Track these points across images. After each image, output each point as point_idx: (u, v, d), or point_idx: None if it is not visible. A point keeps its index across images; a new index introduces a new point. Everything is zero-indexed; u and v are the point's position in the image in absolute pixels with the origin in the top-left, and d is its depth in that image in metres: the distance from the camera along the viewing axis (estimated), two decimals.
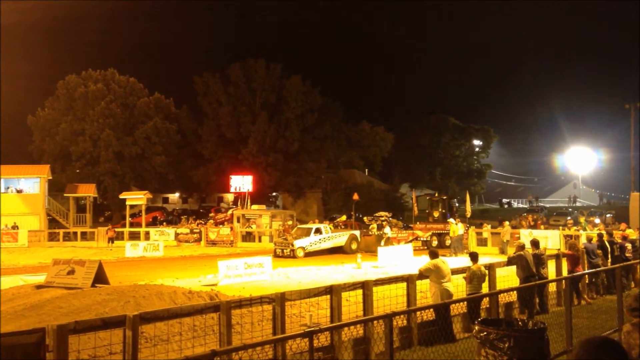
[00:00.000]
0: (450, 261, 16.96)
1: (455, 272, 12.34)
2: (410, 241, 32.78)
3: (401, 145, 70.42)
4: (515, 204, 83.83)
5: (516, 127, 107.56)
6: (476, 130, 77.45)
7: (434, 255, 12.00)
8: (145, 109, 54.86)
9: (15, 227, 40.86)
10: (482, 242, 31.97)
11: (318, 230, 31.69)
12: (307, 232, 31.59)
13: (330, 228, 33.79)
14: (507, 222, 32.29)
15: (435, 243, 32.96)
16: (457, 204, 38.71)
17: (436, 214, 36.36)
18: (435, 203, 37.00)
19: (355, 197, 44.51)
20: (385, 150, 66.95)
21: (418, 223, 36.49)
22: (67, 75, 54.40)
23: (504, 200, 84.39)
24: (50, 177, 46.40)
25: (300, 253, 29.88)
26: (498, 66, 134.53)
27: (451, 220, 31.66)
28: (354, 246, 32.07)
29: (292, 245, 30.19)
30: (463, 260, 19.95)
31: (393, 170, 75.25)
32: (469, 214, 35.53)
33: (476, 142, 78.22)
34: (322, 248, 31.21)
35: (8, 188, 44.12)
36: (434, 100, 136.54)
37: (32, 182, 44.72)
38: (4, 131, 57.86)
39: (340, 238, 32.42)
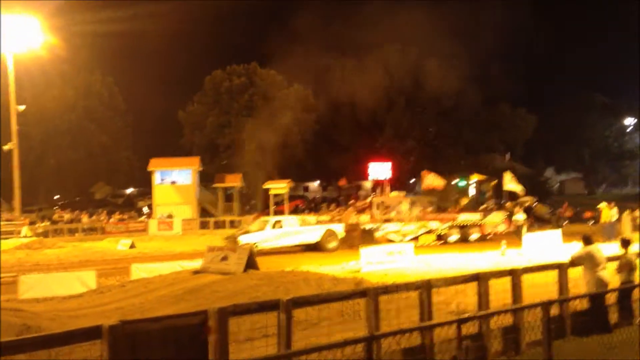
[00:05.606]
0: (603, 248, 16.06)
1: (608, 259, 11.70)
2: (417, 237, 29.10)
3: (544, 126, 66.77)
4: None
5: None
6: (627, 108, 72.02)
7: (587, 241, 11.49)
8: (285, 100, 56.52)
9: (170, 216, 43.85)
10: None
11: (277, 223, 27.08)
12: (263, 226, 27.11)
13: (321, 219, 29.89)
14: None
15: (453, 237, 29.55)
16: (485, 192, 34.30)
17: (464, 201, 32.85)
18: (462, 189, 33.69)
19: (342, 182, 42.58)
20: (527, 132, 63.92)
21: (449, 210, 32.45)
22: (214, 71, 57.32)
23: None
24: (201, 169, 49.10)
25: None
26: None
27: (604, 204, 29.60)
28: (331, 244, 27.19)
29: (238, 241, 25.05)
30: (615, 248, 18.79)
31: (536, 154, 71.92)
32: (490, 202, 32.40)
33: (628, 121, 72.74)
34: (282, 245, 26.52)
35: (163, 180, 47.13)
36: (579, 78, 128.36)
37: (184, 174, 47.42)
38: (158, 126, 62.31)
39: (311, 233, 27.21)
